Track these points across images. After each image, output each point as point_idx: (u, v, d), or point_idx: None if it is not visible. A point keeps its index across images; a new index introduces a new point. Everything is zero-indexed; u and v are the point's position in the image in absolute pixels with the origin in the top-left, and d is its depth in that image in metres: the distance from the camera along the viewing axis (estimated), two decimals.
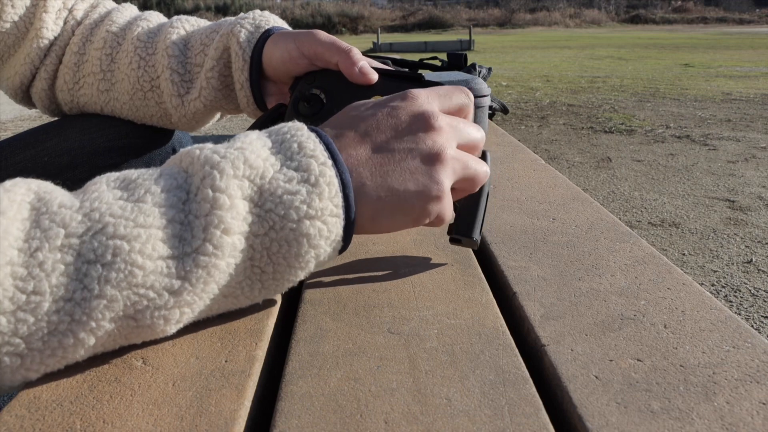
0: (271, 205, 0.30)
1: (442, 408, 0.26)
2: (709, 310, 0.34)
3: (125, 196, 0.28)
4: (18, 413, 0.27)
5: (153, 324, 0.28)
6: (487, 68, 1.20)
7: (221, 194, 0.28)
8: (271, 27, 0.50)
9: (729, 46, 10.70)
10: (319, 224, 0.30)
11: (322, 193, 0.30)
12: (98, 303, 0.26)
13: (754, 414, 0.25)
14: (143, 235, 0.27)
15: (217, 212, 0.28)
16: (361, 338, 0.32)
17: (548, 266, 0.40)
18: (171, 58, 0.51)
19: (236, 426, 0.25)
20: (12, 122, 4.23)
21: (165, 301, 0.28)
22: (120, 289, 0.26)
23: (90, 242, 0.26)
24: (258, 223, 0.29)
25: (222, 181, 0.29)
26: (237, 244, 0.29)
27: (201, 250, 0.28)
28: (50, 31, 0.55)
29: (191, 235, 0.28)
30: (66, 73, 0.56)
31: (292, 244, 0.30)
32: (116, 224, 0.27)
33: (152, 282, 0.27)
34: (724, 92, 5.04)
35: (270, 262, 0.30)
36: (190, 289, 0.28)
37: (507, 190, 0.60)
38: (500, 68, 7.46)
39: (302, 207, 0.30)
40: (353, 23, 23.71)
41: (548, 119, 4.10)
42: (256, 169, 0.30)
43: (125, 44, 0.54)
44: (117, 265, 0.26)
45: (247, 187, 0.29)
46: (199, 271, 0.28)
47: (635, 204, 2.36)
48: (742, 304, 1.57)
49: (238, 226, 0.29)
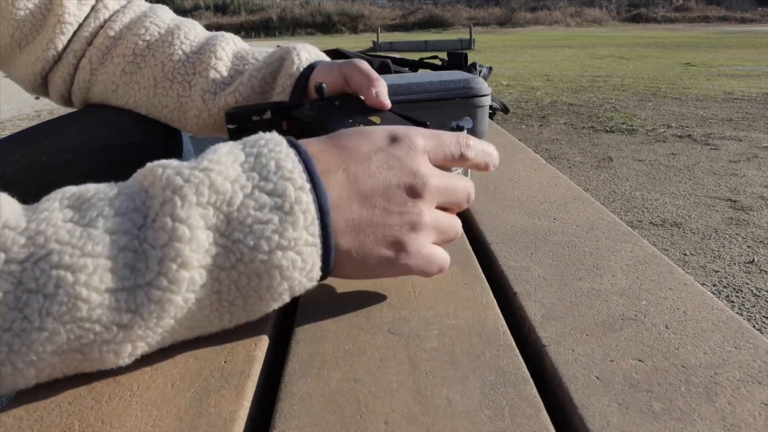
0: (240, 235, 0.27)
1: (443, 409, 0.26)
2: (710, 310, 0.34)
3: (76, 218, 0.26)
4: (16, 414, 0.27)
5: (102, 357, 0.27)
6: (487, 67, 1.20)
7: (181, 224, 0.26)
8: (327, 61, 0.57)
9: (731, 45, 10.69)
10: (292, 255, 0.28)
11: (297, 221, 0.28)
12: (39, 335, 0.24)
13: (756, 415, 0.25)
14: (90, 266, 0.25)
15: (175, 244, 0.26)
16: (361, 338, 0.32)
17: (549, 266, 0.40)
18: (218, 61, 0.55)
19: (236, 427, 0.25)
20: (10, 122, 4.23)
21: (113, 335, 0.26)
22: (62, 323, 0.25)
23: (32, 270, 0.24)
24: (224, 255, 0.27)
25: (183, 210, 0.26)
26: (197, 279, 0.27)
27: (154, 284, 0.26)
28: (73, 16, 0.56)
29: (145, 266, 0.26)
30: (94, 54, 0.57)
31: (263, 277, 0.28)
32: (61, 252, 0.25)
33: (98, 316, 0.25)
34: (725, 91, 5.03)
35: (239, 294, 0.28)
36: (141, 323, 0.26)
37: (507, 189, 0.60)
38: (501, 67, 7.45)
39: (274, 237, 0.27)
40: (353, 22, 23.69)
41: (549, 119, 4.09)
42: (224, 194, 0.27)
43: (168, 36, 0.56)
44: (60, 297, 0.24)
45: (212, 216, 0.27)
46: (151, 306, 0.26)
47: (636, 204, 2.36)
48: (744, 305, 1.56)
49: (198, 260, 0.26)
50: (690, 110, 4.25)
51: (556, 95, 5.07)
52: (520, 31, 20.60)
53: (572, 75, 6.51)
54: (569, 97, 4.97)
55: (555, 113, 4.27)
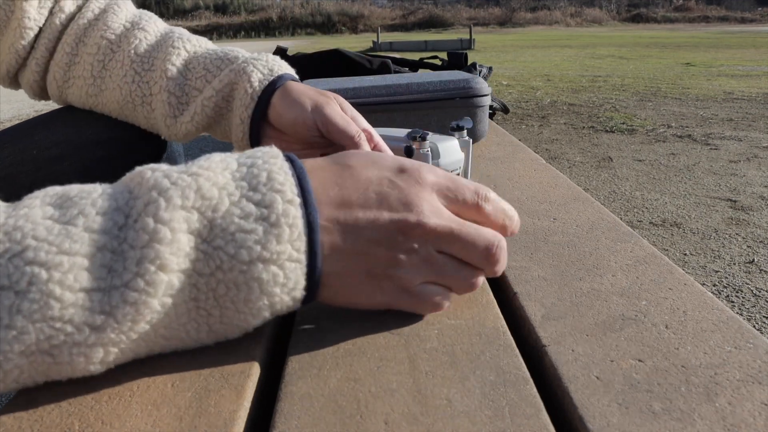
0: (221, 242, 0.27)
1: (443, 409, 0.26)
2: (710, 310, 0.34)
3: (56, 216, 0.25)
4: (16, 414, 0.27)
5: (72, 362, 0.26)
6: (487, 67, 1.20)
7: (163, 226, 0.26)
8: (282, 74, 0.52)
9: (731, 45, 10.69)
10: (274, 269, 0.27)
11: (282, 234, 0.27)
12: (6, 334, 0.24)
13: (756, 415, 0.25)
14: (66, 264, 0.24)
15: (155, 246, 0.25)
16: (361, 338, 0.32)
17: (549, 266, 0.40)
18: (169, 81, 0.53)
19: (235, 427, 0.25)
20: (10, 121, 4.24)
21: (85, 338, 0.25)
22: (32, 321, 0.24)
23: (6, 266, 0.24)
24: (204, 261, 0.26)
25: (166, 212, 0.26)
26: (174, 283, 0.26)
27: (131, 285, 0.25)
28: (33, 20, 0.55)
29: (123, 266, 0.25)
30: (56, 71, 0.56)
31: (242, 288, 0.27)
32: (37, 248, 0.24)
33: (71, 316, 0.24)
34: (725, 91, 5.03)
35: (217, 305, 0.27)
36: (115, 326, 0.25)
37: (507, 189, 0.60)
38: (501, 67, 7.46)
39: (255, 248, 0.27)
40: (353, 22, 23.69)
41: (549, 119, 4.10)
42: (210, 199, 0.27)
43: (120, 54, 0.54)
44: (31, 294, 0.24)
45: (196, 220, 0.26)
46: (126, 308, 0.25)
47: (636, 204, 2.36)
48: (744, 305, 1.56)
49: (177, 263, 0.26)
50: (690, 110, 4.25)
51: (556, 95, 5.07)
52: (520, 31, 20.60)
53: (572, 75, 6.51)
54: (569, 97, 4.97)
55: (555, 113, 4.27)
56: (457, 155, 0.60)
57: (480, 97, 0.81)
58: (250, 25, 25.62)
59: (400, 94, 0.78)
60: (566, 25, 23.72)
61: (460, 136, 0.62)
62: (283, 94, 0.51)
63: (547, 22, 24.27)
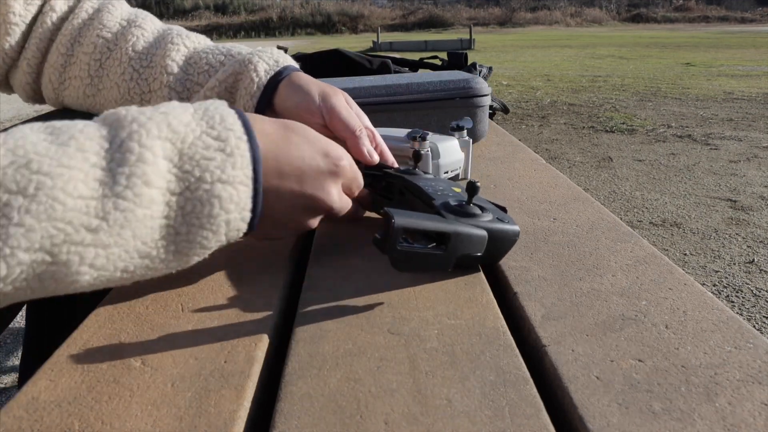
0: (189, 167, 0.32)
1: (443, 409, 0.26)
2: (710, 310, 0.34)
3: (50, 139, 0.29)
4: (16, 414, 0.27)
5: (68, 261, 0.29)
6: (487, 67, 1.19)
7: (146, 150, 0.30)
8: (288, 65, 0.54)
9: (731, 45, 10.68)
10: (230, 189, 0.33)
11: (236, 162, 0.33)
12: (15, 231, 0.27)
13: (756, 415, 0.25)
14: (66, 175, 0.28)
15: (141, 165, 0.30)
16: (361, 338, 0.32)
17: (549, 266, 0.40)
18: (170, 76, 0.53)
19: (235, 427, 0.25)
20: (10, 121, 4.23)
21: (82, 238, 0.28)
22: (39, 221, 0.27)
23: (13, 174, 0.27)
24: (175, 182, 0.31)
25: (148, 139, 0.31)
26: (155, 198, 0.31)
27: (121, 195, 0.29)
28: (18, 16, 0.54)
29: (113, 181, 0.29)
30: (52, 72, 0.56)
31: (205, 204, 0.32)
32: (40, 161, 0.28)
33: (71, 218, 0.28)
34: (725, 91, 5.03)
35: (184, 222, 0.32)
36: (107, 229, 0.29)
37: (507, 189, 0.60)
38: (501, 67, 7.45)
39: (216, 171, 0.32)
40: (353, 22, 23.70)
41: (549, 119, 4.10)
42: (178, 133, 0.32)
43: (117, 52, 0.54)
44: (39, 198, 0.27)
45: (169, 149, 0.32)
46: (117, 214, 0.29)
47: (636, 204, 2.36)
48: (744, 305, 1.56)
49: (157, 182, 0.31)
50: (690, 110, 4.25)
51: (556, 95, 5.07)
52: (520, 31, 20.59)
53: (572, 75, 6.51)
54: (569, 97, 4.97)
55: (555, 113, 4.27)
56: (457, 155, 0.60)
57: (480, 97, 0.81)
58: (250, 25, 25.61)
59: (400, 94, 0.78)
60: (566, 25, 23.71)
61: (460, 136, 0.62)
62: (288, 84, 0.52)
63: (547, 22, 24.25)
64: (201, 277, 0.40)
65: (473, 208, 0.39)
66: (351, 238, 0.47)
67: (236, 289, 0.38)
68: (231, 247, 0.45)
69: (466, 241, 0.36)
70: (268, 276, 0.40)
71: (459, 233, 0.36)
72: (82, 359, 0.31)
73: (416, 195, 0.43)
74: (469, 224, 0.37)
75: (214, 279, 0.40)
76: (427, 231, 0.35)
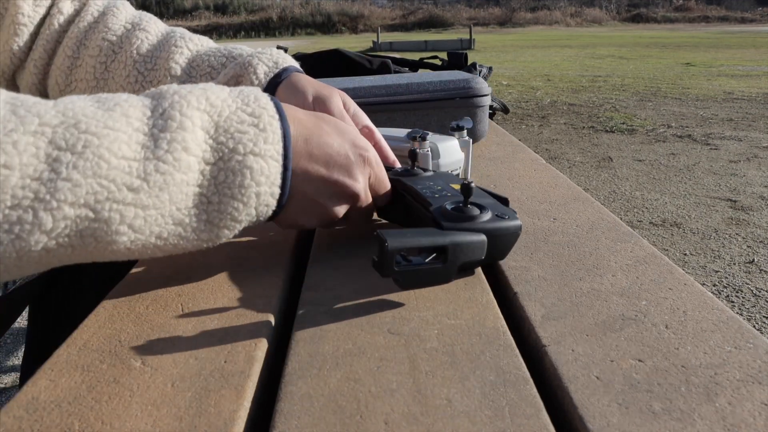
0: (224, 138, 0.33)
1: (443, 409, 0.26)
2: (710, 310, 0.34)
3: (96, 105, 0.31)
4: (16, 414, 0.27)
5: (109, 219, 0.30)
6: (487, 67, 1.19)
7: (187, 119, 0.32)
8: (287, 66, 0.54)
9: (731, 45, 10.68)
10: (261, 162, 0.34)
11: (267, 137, 0.35)
12: (63, 185, 0.28)
13: (756, 415, 0.25)
14: (111, 135, 0.29)
15: (181, 132, 0.32)
16: (361, 338, 0.32)
17: (549, 266, 0.40)
18: (174, 79, 0.53)
19: (235, 427, 0.25)
20: None
21: (123, 196, 0.30)
22: (85, 177, 0.28)
23: (63, 133, 0.28)
24: (210, 152, 0.33)
25: (188, 109, 0.33)
26: (192, 164, 0.32)
27: (162, 159, 0.31)
28: (27, 17, 0.55)
29: (154, 145, 0.31)
30: (58, 75, 0.56)
31: (237, 174, 0.34)
32: (88, 122, 0.29)
33: (114, 176, 0.29)
34: (725, 91, 5.03)
35: (216, 191, 0.33)
36: (147, 189, 0.30)
37: (508, 189, 0.60)
38: (501, 67, 7.45)
39: (249, 144, 0.34)
40: (353, 22, 23.70)
41: (549, 119, 4.10)
42: (216, 107, 0.34)
43: (122, 55, 0.54)
44: (86, 155, 0.28)
45: (207, 120, 0.33)
46: (157, 176, 0.31)
47: (636, 204, 2.36)
48: (744, 305, 1.56)
49: (195, 149, 0.32)
50: (690, 110, 4.25)
51: (556, 95, 5.07)
52: (520, 31, 20.59)
53: (572, 75, 6.51)
54: (569, 97, 4.97)
55: (555, 113, 4.27)
56: (457, 155, 0.60)
57: (480, 97, 0.81)
58: (250, 25, 25.61)
59: (400, 94, 0.78)
60: (566, 25, 23.70)
61: (460, 136, 0.62)
62: (287, 86, 0.52)
63: (547, 22, 24.25)
64: (201, 277, 0.40)
65: (471, 210, 0.38)
66: (351, 238, 0.47)
67: (236, 289, 0.38)
68: (231, 247, 0.45)
69: (465, 250, 0.36)
70: (268, 276, 0.40)
71: (457, 244, 0.35)
72: (82, 359, 0.31)
73: (414, 198, 0.43)
74: (467, 229, 0.37)
75: (214, 279, 0.40)
76: (422, 248, 0.35)
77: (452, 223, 0.37)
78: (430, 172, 0.48)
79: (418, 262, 0.35)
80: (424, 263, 0.35)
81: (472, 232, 0.37)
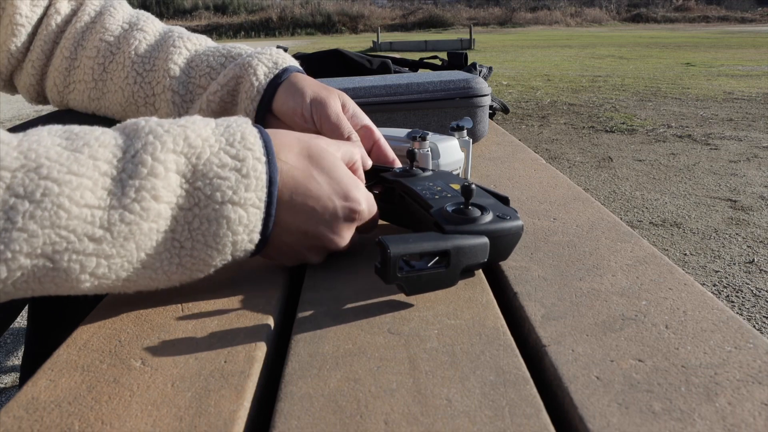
0: (201, 184, 0.32)
1: (443, 409, 0.26)
2: (710, 310, 0.34)
3: (64, 144, 0.29)
4: (16, 414, 0.27)
5: (68, 269, 0.29)
6: (487, 67, 1.19)
7: (159, 164, 0.30)
8: (287, 66, 0.53)
9: (731, 45, 10.68)
10: (240, 211, 0.33)
11: (250, 185, 0.33)
12: (18, 235, 0.27)
13: (756, 415, 0.25)
14: (74, 182, 0.28)
15: (152, 179, 0.30)
16: (361, 338, 0.32)
17: (549, 266, 0.40)
18: (173, 80, 0.53)
19: (235, 427, 0.25)
20: (10, 122, 4.24)
21: (84, 247, 0.29)
22: (43, 227, 0.27)
23: (22, 178, 0.27)
24: (185, 197, 0.31)
25: (162, 153, 0.31)
26: (162, 212, 0.31)
27: (128, 208, 0.29)
28: (25, 17, 0.54)
29: (122, 192, 0.29)
30: (56, 76, 0.56)
31: (212, 223, 0.32)
32: (50, 167, 0.28)
33: (75, 226, 0.28)
34: (726, 91, 5.03)
35: (189, 237, 0.32)
36: (110, 240, 0.29)
37: (508, 189, 0.60)
38: (501, 67, 7.46)
39: (228, 192, 0.32)
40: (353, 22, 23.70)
41: (549, 119, 4.10)
42: (195, 148, 0.32)
43: (120, 56, 0.54)
44: (44, 204, 0.27)
45: (183, 164, 0.32)
46: (122, 226, 0.29)
47: (636, 204, 2.36)
48: (744, 305, 1.56)
49: (167, 196, 0.31)
50: (690, 110, 4.25)
51: (556, 95, 5.07)
52: (520, 31, 20.59)
53: (572, 75, 6.51)
54: (569, 97, 4.97)
55: (555, 113, 4.27)
56: (457, 155, 0.60)
57: (480, 97, 0.81)
58: (250, 25, 25.61)
59: (400, 94, 0.78)
60: (566, 25, 23.71)
61: (460, 136, 0.62)
62: (287, 87, 0.52)
63: (547, 22, 24.25)
64: (201, 277, 0.40)
65: (472, 211, 0.38)
66: None
67: (236, 290, 0.38)
68: None
69: (468, 253, 0.36)
70: (268, 276, 0.40)
71: (459, 248, 0.35)
72: (82, 359, 0.31)
73: (414, 200, 0.43)
74: (469, 232, 0.37)
75: (214, 279, 0.40)
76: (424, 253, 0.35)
77: (453, 226, 0.37)
78: (429, 171, 0.48)
79: (421, 266, 0.35)
80: (427, 267, 0.35)
81: (473, 234, 0.37)
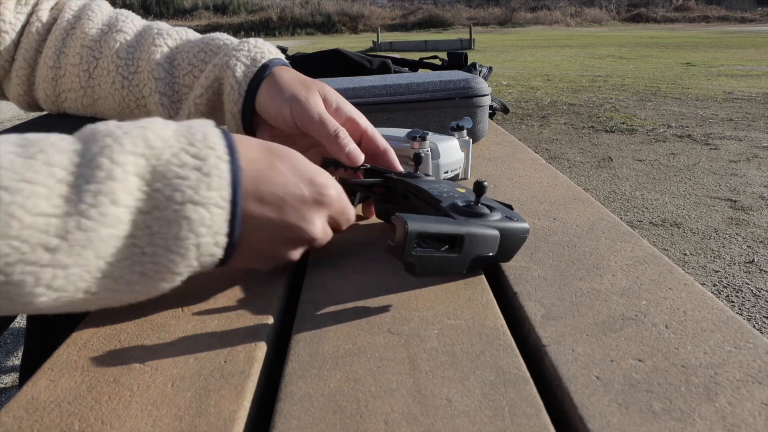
0: (160, 185, 0.30)
1: (443, 408, 0.26)
2: (710, 310, 0.34)
3: (18, 152, 0.28)
4: (16, 414, 0.27)
5: (22, 282, 0.27)
6: (487, 67, 1.19)
7: (117, 166, 0.29)
8: (267, 61, 0.51)
9: (731, 45, 10.68)
10: (202, 211, 0.31)
11: (212, 183, 0.31)
12: None
13: (756, 415, 0.25)
14: (27, 190, 0.27)
15: (110, 183, 0.29)
16: (361, 338, 0.32)
17: (549, 266, 0.40)
18: (158, 81, 0.52)
19: (235, 427, 0.25)
20: (10, 122, 4.23)
21: (38, 258, 0.27)
22: None
23: None
24: (144, 200, 0.30)
25: (120, 155, 0.29)
26: (122, 217, 0.29)
27: (85, 214, 0.28)
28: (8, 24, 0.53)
29: (78, 198, 0.28)
30: (46, 87, 0.55)
31: (173, 225, 0.30)
32: (1, 175, 0.27)
33: (28, 236, 0.27)
34: (725, 91, 5.03)
35: (150, 242, 0.30)
36: (67, 249, 0.28)
37: (508, 189, 0.60)
38: (501, 67, 7.45)
39: (188, 192, 0.31)
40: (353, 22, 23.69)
41: (549, 118, 4.10)
42: (155, 149, 0.31)
43: (103, 60, 0.53)
44: None
45: (143, 165, 0.30)
46: (78, 234, 0.28)
47: (636, 204, 2.36)
48: (744, 305, 1.56)
49: (125, 200, 0.29)
50: (690, 110, 4.25)
51: (556, 95, 5.07)
52: (520, 31, 20.59)
53: (572, 75, 6.51)
54: (569, 97, 4.97)
55: (555, 113, 4.27)
56: (457, 155, 0.60)
57: (480, 97, 0.81)
58: (250, 25, 25.61)
59: (400, 94, 0.78)
60: (566, 25, 23.71)
61: (460, 136, 0.62)
62: (268, 87, 0.50)
63: (547, 22, 24.25)
64: (201, 278, 0.40)
65: (482, 208, 0.38)
66: (351, 239, 0.47)
67: (236, 290, 0.38)
68: None
69: (480, 242, 0.36)
70: (268, 276, 0.40)
71: (473, 235, 0.35)
72: (82, 359, 0.31)
73: (421, 198, 0.43)
74: (481, 224, 0.37)
75: (214, 279, 0.40)
76: (440, 234, 0.35)
77: (465, 218, 0.37)
78: (432, 177, 0.48)
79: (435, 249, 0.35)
80: (441, 251, 0.35)
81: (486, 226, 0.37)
